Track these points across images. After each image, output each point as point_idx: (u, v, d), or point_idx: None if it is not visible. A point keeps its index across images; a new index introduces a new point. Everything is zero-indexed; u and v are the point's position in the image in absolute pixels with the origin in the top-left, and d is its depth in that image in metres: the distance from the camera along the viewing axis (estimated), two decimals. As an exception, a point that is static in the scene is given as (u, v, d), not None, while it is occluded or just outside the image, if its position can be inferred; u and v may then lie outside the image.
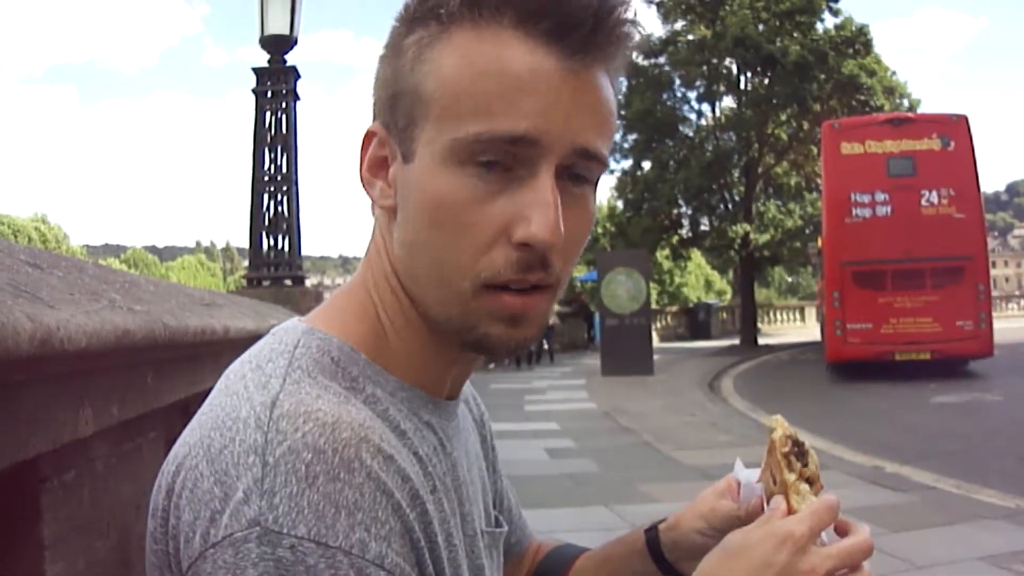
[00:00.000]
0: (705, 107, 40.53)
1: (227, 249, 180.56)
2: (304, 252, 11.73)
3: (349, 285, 1.25)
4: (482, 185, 1.06)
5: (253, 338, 2.98)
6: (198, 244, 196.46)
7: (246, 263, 12.05)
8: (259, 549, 0.91)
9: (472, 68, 1.06)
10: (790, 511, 1.23)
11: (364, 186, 1.19)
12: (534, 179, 1.06)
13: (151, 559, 1.06)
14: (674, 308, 52.73)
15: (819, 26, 37.27)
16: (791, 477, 1.27)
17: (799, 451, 1.30)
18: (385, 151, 1.16)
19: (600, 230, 46.56)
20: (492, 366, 14.29)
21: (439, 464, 1.18)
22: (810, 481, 1.28)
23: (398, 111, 1.12)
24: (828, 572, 1.15)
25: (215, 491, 0.95)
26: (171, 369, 2.12)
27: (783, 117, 38.49)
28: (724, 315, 51.42)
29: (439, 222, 1.08)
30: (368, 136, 1.18)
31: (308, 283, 13.26)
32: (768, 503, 1.29)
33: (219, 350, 2.63)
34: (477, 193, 1.06)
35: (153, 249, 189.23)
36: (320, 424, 0.97)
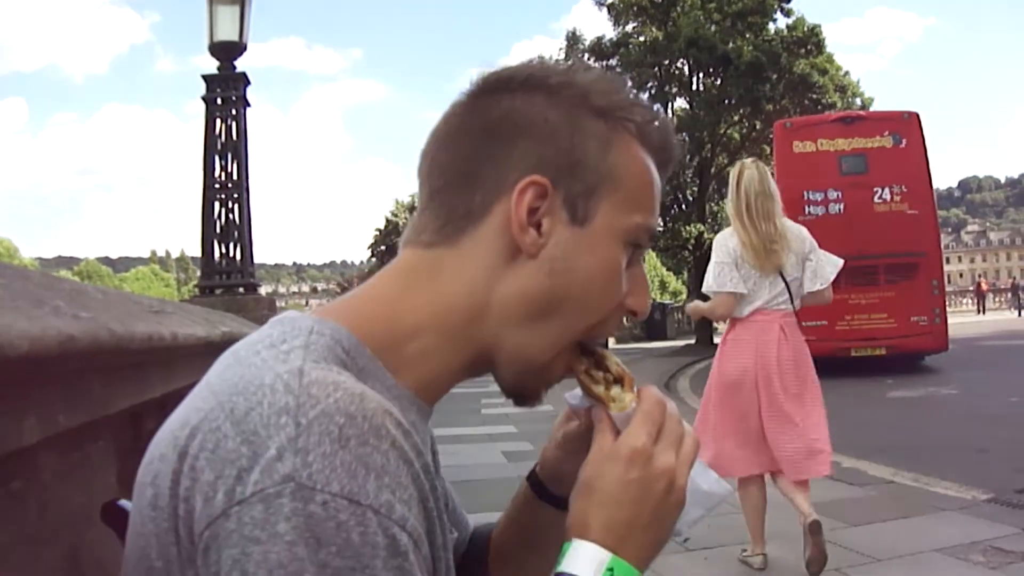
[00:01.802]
0: (657, 108, 40.61)
1: (182, 259, 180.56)
2: (258, 260, 11.69)
3: (367, 290, 1.32)
4: (625, 258, 1.30)
5: (203, 345, 2.93)
6: (153, 254, 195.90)
7: (200, 273, 11.98)
8: (292, 504, 0.93)
9: (651, 175, 1.33)
10: (609, 420, 1.28)
11: (516, 229, 1.25)
12: (639, 262, 1.35)
13: (146, 527, 1.05)
14: (630, 310, 52.88)
15: (771, 26, 37.52)
16: (600, 389, 1.31)
17: (596, 361, 1.35)
18: (541, 203, 1.25)
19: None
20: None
21: None
22: (619, 381, 1.32)
23: (577, 178, 1.26)
24: (689, 456, 1.27)
25: (242, 450, 0.97)
26: (119, 377, 2.08)
27: (736, 117, 38.72)
28: (679, 315, 51.56)
29: (600, 283, 1.28)
30: (531, 185, 1.25)
31: (262, 291, 13.18)
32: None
33: (168, 357, 2.60)
34: (622, 264, 1.29)
35: (107, 260, 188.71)
36: (349, 393, 1.02)
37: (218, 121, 10.80)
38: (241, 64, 10.77)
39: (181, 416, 1.08)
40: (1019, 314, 38.92)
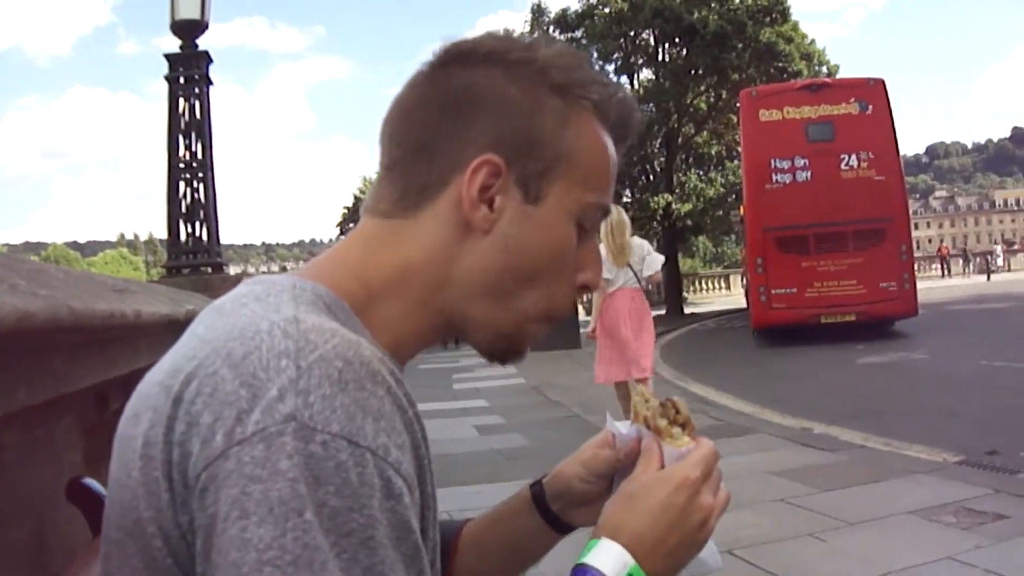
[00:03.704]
0: (623, 79, 40.64)
1: (150, 241, 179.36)
2: (227, 241, 11.77)
3: (334, 254, 1.34)
4: (575, 236, 1.32)
5: (168, 322, 2.91)
6: (121, 237, 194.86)
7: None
8: (294, 442, 0.94)
9: (607, 153, 1.34)
10: (660, 451, 1.37)
11: (467, 206, 1.27)
12: (590, 238, 1.36)
13: (132, 478, 1.04)
14: (601, 282, 52.97)
15: (736, -5, 37.47)
16: (663, 423, 1.39)
17: (672, 404, 1.43)
18: (495, 182, 1.26)
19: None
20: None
21: None
22: (683, 426, 1.40)
23: (532, 157, 1.27)
24: (722, 506, 1.33)
25: (241, 392, 0.97)
26: (82, 354, 2.07)
27: (702, 87, 38.77)
28: (649, 285, 51.72)
29: (552, 260, 1.30)
30: (485, 163, 1.26)
31: (232, 271, 13.13)
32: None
33: (133, 335, 2.59)
34: (573, 241, 1.32)
35: (75, 245, 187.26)
36: (346, 340, 1.03)
37: (181, 100, 10.70)
38: (204, 43, 10.70)
39: (169, 366, 1.08)
40: (987, 278, 39.12)
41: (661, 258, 11.07)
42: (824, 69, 38.69)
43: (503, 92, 1.28)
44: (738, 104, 26.37)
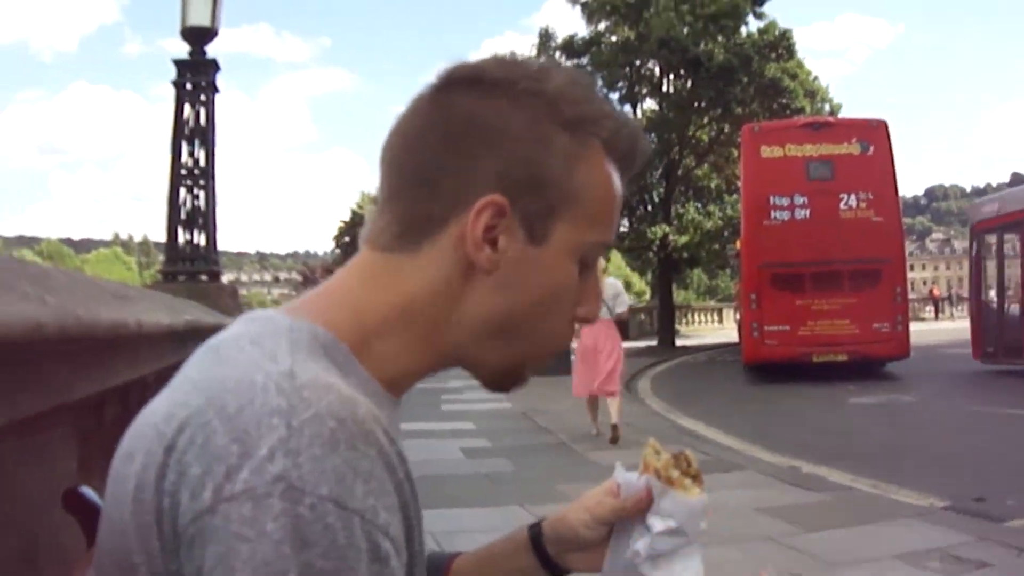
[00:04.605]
0: (627, 108, 40.72)
1: (144, 243, 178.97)
2: (221, 248, 11.62)
3: (332, 287, 1.31)
4: (576, 272, 1.30)
5: (167, 333, 2.90)
6: (115, 237, 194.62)
7: (162, 258, 11.91)
8: (281, 504, 0.93)
9: (614, 190, 1.32)
10: None
11: (471, 247, 1.24)
12: (590, 272, 1.34)
13: (125, 520, 1.04)
14: (593, 309, 52.90)
15: (743, 30, 37.59)
16: (675, 473, 1.47)
17: (684, 457, 1.51)
18: (497, 221, 1.23)
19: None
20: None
21: None
22: (694, 477, 1.48)
23: (537, 197, 1.25)
24: None
25: (232, 448, 0.96)
26: (84, 363, 2.05)
27: (705, 120, 38.81)
28: (643, 316, 51.58)
29: (554, 299, 1.29)
30: (490, 205, 1.23)
31: (225, 279, 13.11)
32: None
33: (134, 344, 2.58)
34: (574, 278, 1.31)
35: (69, 241, 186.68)
36: (341, 397, 1.02)
37: (187, 107, 10.69)
38: (211, 49, 10.73)
39: (164, 410, 1.07)
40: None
41: (628, 300, 14.29)
42: (827, 107, 38.76)
43: (509, 126, 1.24)
44: (739, 138, 26.43)
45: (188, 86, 10.68)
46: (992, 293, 23.82)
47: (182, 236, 10.76)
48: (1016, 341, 21.52)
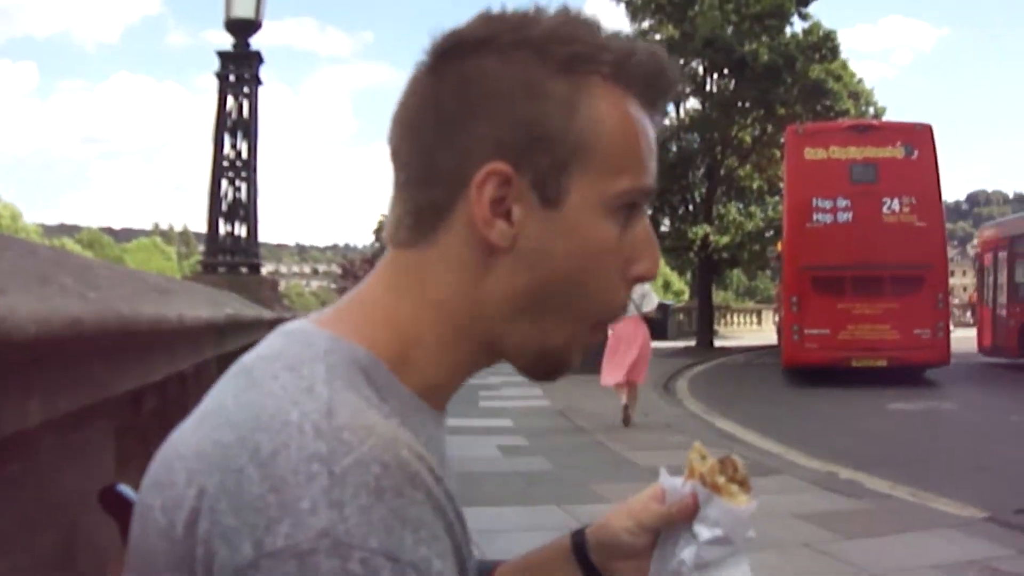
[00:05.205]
0: (670, 107, 40.59)
1: (184, 233, 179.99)
2: (261, 239, 11.65)
3: (366, 296, 1.24)
4: (617, 229, 1.18)
5: (207, 327, 2.89)
6: (155, 227, 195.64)
7: (202, 248, 11.96)
8: (328, 562, 0.87)
9: (635, 127, 1.18)
10: None
11: (480, 225, 1.15)
12: (639, 220, 1.21)
13: (157, 556, 1.00)
14: (632, 308, 52.84)
15: (787, 30, 37.39)
16: (721, 479, 1.42)
17: (731, 462, 1.45)
18: (505, 191, 1.15)
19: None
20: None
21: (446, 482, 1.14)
22: (741, 483, 1.43)
23: (542, 155, 1.14)
24: None
25: (270, 498, 0.91)
26: (123, 358, 2.03)
27: (748, 120, 38.61)
28: (681, 316, 51.38)
29: (590, 263, 1.17)
30: (490, 175, 1.14)
31: (264, 271, 13.17)
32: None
33: (173, 340, 2.57)
34: (615, 235, 1.18)
35: (109, 231, 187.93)
36: (382, 439, 0.96)
37: (230, 99, 10.75)
38: (254, 42, 10.78)
39: (194, 443, 1.02)
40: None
41: (656, 299, 15.87)
42: (871, 110, 38.55)
43: (498, 86, 1.15)
44: (783, 140, 26.33)
45: (231, 78, 10.74)
46: (989, 301, 29.82)
47: (223, 228, 10.81)
48: (1003, 339, 27.66)
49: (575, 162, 1.14)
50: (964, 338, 29.76)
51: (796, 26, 37.67)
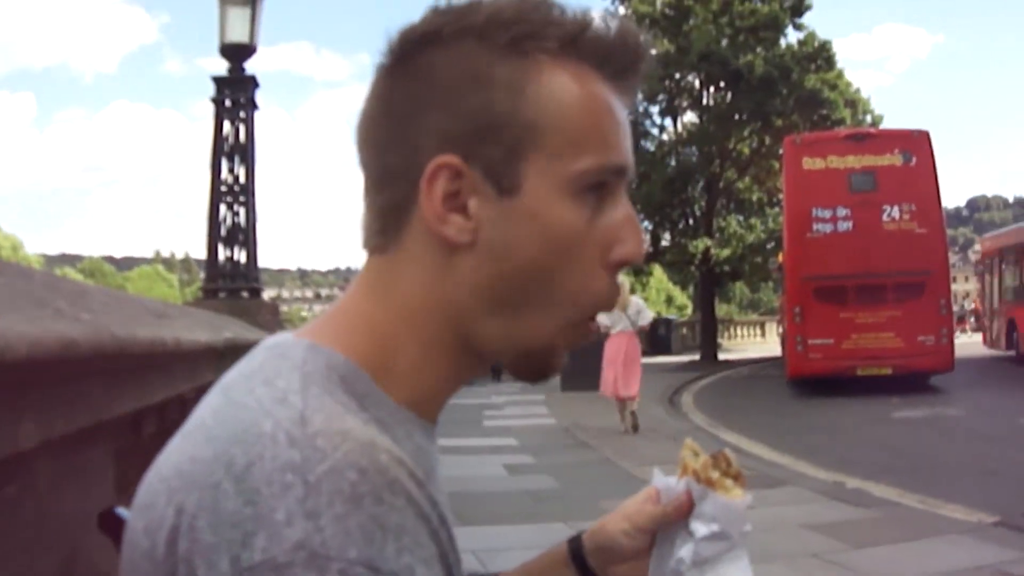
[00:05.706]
0: (667, 121, 40.68)
1: (185, 260, 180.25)
2: (262, 264, 11.64)
3: (346, 305, 1.20)
4: (587, 212, 1.12)
5: (206, 351, 2.88)
6: (157, 254, 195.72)
7: (203, 275, 11.96)
8: (306, 574, 0.85)
9: (591, 104, 1.13)
10: None
11: (433, 222, 1.12)
12: (615, 202, 1.15)
13: (142, 568, 0.97)
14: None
15: (782, 41, 37.49)
16: (715, 474, 1.42)
17: (723, 457, 1.45)
18: (458, 185, 1.11)
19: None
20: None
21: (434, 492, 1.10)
22: (735, 478, 1.43)
23: (492, 143, 1.10)
24: None
25: (245, 511, 0.89)
26: (120, 381, 2.03)
27: (746, 132, 38.64)
28: (685, 330, 51.30)
29: (558, 250, 1.12)
30: (439, 169, 1.11)
31: (265, 296, 13.16)
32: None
33: (170, 362, 2.57)
34: (585, 218, 1.12)
35: (111, 259, 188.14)
36: (358, 443, 0.93)
37: (226, 123, 10.75)
38: (250, 67, 10.79)
39: (175, 461, 1.00)
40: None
41: (651, 314, 16.83)
42: (868, 118, 38.60)
43: (441, 78, 1.12)
44: (781, 150, 26.37)
45: (227, 103, 10.74)
46: (988, 301, 35.43)
47: (222, 253, 10.81)
48: (997, 335, 33.23)
49: (528, 146, 1.11)
50: (970, 343, 29.83)
51: (791, 37, 37.86)
